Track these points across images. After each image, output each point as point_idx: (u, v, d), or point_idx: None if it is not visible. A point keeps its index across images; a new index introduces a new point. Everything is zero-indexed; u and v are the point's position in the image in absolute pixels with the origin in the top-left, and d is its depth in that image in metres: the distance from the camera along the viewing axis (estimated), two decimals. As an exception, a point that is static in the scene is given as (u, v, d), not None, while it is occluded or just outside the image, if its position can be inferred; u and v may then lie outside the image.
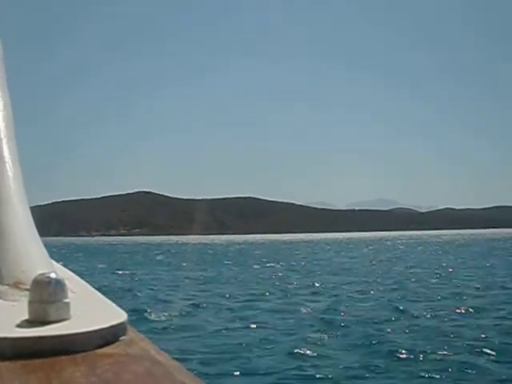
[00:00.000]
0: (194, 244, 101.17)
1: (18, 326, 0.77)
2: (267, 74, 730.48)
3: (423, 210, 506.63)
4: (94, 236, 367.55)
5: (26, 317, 0.79)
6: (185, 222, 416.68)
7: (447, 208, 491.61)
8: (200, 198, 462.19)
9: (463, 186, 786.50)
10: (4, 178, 1.06)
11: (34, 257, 0.97)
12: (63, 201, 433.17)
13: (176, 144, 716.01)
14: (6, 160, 1.09)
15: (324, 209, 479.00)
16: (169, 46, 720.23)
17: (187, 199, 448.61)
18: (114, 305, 0.89)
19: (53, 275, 0.79)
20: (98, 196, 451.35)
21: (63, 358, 0.71)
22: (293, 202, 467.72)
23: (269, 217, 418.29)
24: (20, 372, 0.68)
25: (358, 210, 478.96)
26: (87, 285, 1.04)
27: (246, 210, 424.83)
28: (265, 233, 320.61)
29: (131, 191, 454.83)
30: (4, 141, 1.11)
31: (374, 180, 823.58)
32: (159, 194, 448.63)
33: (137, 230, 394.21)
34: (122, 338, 0.79)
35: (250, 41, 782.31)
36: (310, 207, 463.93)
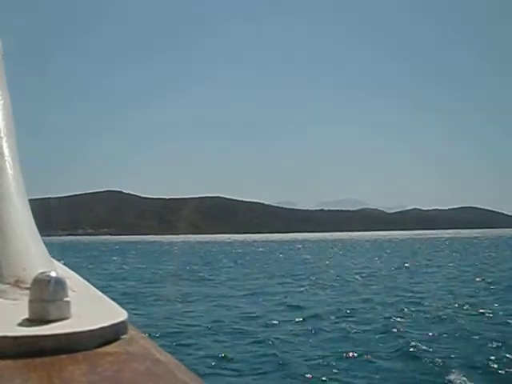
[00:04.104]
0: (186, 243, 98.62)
1: (19, 324, 0.76)
2: (235, 80, 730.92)
3: (391, 211, 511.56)
4: (60, 235, 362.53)
5: (27, 316, 0.78)
6: (153, 221, 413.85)
7: (415, 208, 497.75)
8: (168, 197, 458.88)
9: (431, 186, 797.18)
10: (4, 176, 1.06)
11: (35, 255, 0.97)
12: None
13: (145, 143, 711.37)
14: (6, 158, 1.09)
15: (292, 209, 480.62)
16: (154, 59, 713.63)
17: (156, 198, 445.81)
18: (114, 303, 0.88)
19: (53, 274, 0.79)
20: (65, 195, 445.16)
21: (64, 356, 0.71)
22: (261, 201, 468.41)
23: (237, 216, 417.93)
24: (21, 371, 0.68)
25: (327, 211, 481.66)
26: (88, 283, 1.04)
27: (214, 209, 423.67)
28: (233, 233, 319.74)
29: (99, 190, 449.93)
30: (4, 139, 1.11)
31: (342, 180, 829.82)
32: (127, 194, 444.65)
33: (104, 230, 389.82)
34: (122, 337, 0.79)
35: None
36: (278, 207, 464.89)
